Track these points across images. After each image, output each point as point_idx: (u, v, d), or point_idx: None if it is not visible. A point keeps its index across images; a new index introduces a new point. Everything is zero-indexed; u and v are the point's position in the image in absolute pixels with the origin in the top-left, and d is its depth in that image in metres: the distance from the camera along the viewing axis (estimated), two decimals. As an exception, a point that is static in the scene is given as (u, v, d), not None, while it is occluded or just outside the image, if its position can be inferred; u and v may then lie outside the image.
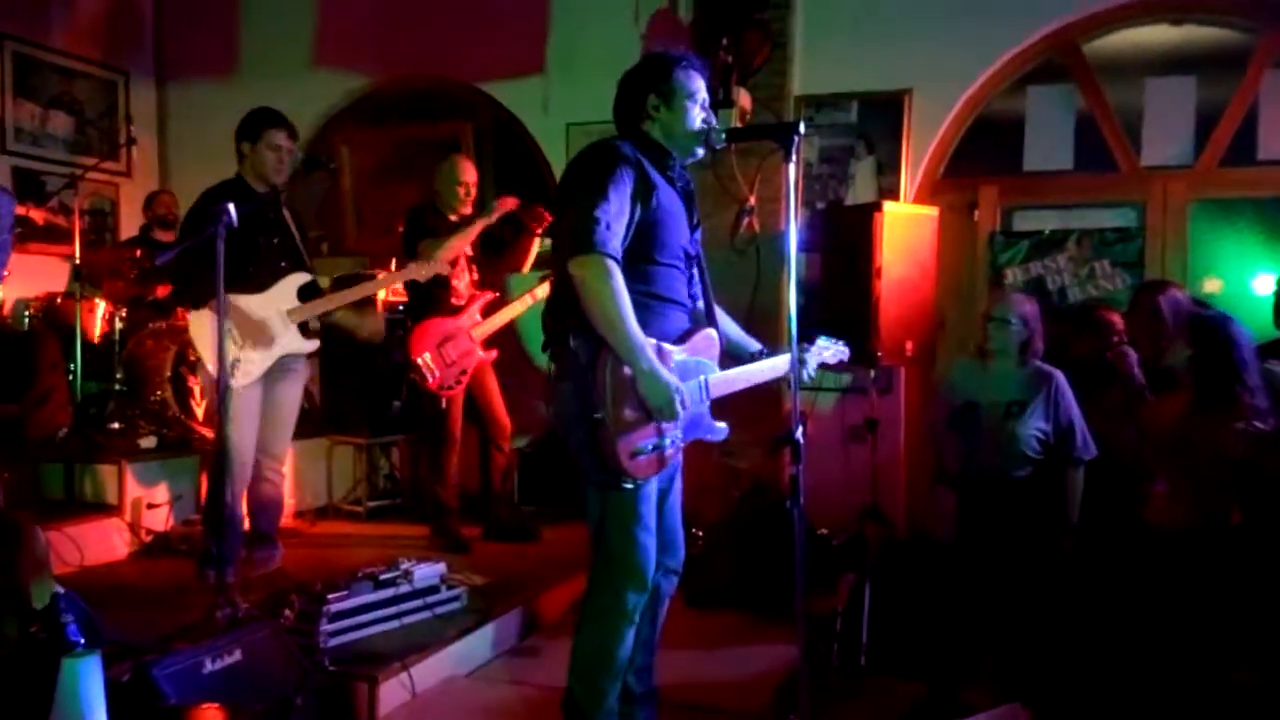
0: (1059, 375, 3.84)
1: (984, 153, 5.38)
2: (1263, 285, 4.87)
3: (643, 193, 2.52)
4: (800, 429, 2.51)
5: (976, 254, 5.33)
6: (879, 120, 5.30)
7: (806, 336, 3.01)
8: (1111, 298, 4.97)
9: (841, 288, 4.50)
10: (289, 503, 5.42)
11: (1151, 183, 5.13)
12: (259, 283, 3.82)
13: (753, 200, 5.21)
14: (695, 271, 2.72)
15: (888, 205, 4.39)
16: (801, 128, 2.52)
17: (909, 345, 4.38)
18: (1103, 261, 5.08)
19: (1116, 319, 4.41)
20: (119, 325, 5.34)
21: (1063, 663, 3.46)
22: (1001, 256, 5.23)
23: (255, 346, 3.80)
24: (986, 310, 4.00)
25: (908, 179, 5.30)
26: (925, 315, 4.48)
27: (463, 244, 4.63)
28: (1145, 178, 5.15)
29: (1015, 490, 3.78)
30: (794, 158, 2.51)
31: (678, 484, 2.85)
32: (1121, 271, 5.05)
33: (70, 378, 5.10)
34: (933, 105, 5.24)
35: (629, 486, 2.51)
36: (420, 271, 4.31)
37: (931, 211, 4.62)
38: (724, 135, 2.69)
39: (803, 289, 2.58)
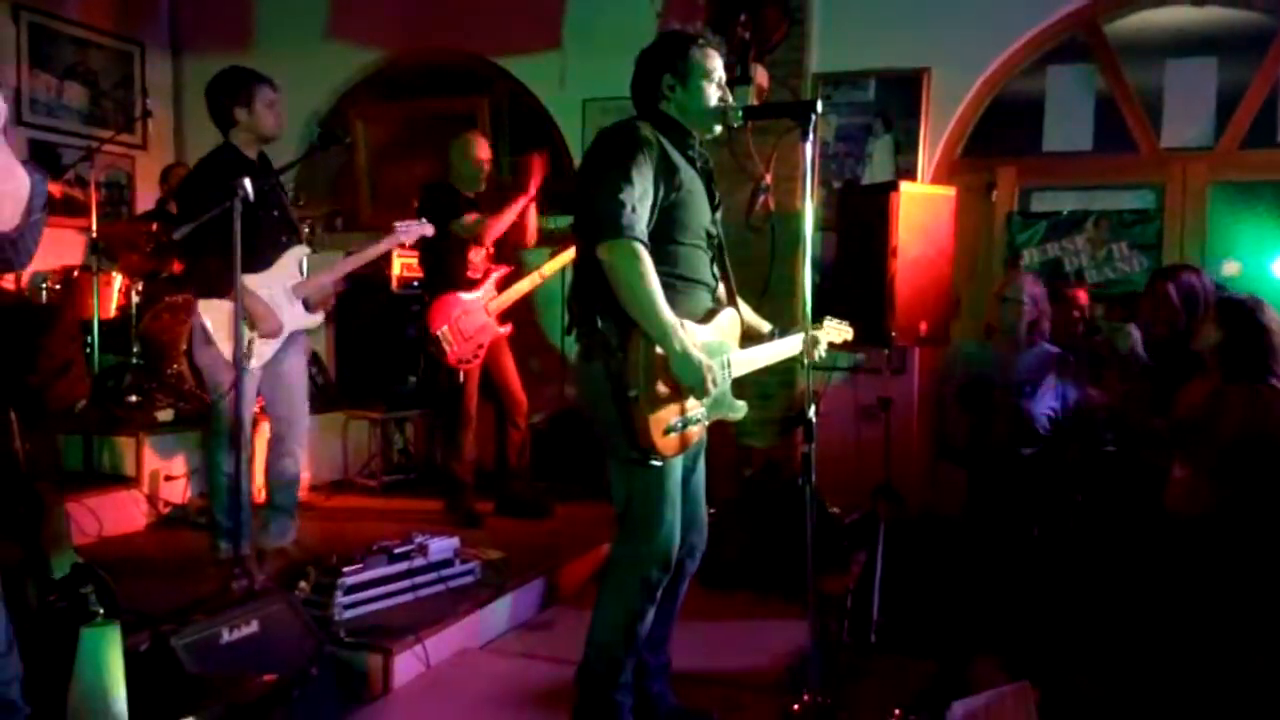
0: (1068, 355, 3.85)
1: (1003, 133, 5.34)
2: (1281, 268, 4.83)
3: (665, 175, 2.53)
4: (813, 408, 2.52)
5: (994, 235, 5.30)
6: (897, 99, 5.26)
7: (817, 317, 3.04)
8: (1129, 280, 4.95)
9: (857, 267, 4.47)
10: (304, 476, 5.46)
11: (1171, 164, 5.09)
12: (263, 259, 3.75)
13: (769, 178, 5.19)
14: (715, 251, 2.73)
15: (905, 185, 4.36)
16: (819, 106, 2.52)
17: (923, 325, 4.35)
18: (1121, 243, 5.05)
19: (1081, 295, 4.43)
20: (135, 299, 5.37)
21: (1073, 642, 3.47)
22: (1019, 237, 5.21)
23: (279, 309, 3.79)
24: (999, 290, 4.00)
25: (925, 158, 5.27)
26: (941, 296, 4.45)
27: (508, 221, 4.65)
28: (1165, 159, 5.11)
29: (1024, 467, 3.79)
30: (811, 136, 2.52)
31: (701, 463, 2.88)
32: (1139, 254, 5.02)
33: (88, 351, 5.14)
34: (951, 84, 5.21)
35: (657, 464, 2.53)
36: (409, 235, 4.29)
37: (949, 191, 4.59)
38: (741, 113, 2.69)
39: (818, 268, 2.59)
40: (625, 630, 2.67)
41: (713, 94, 2.66)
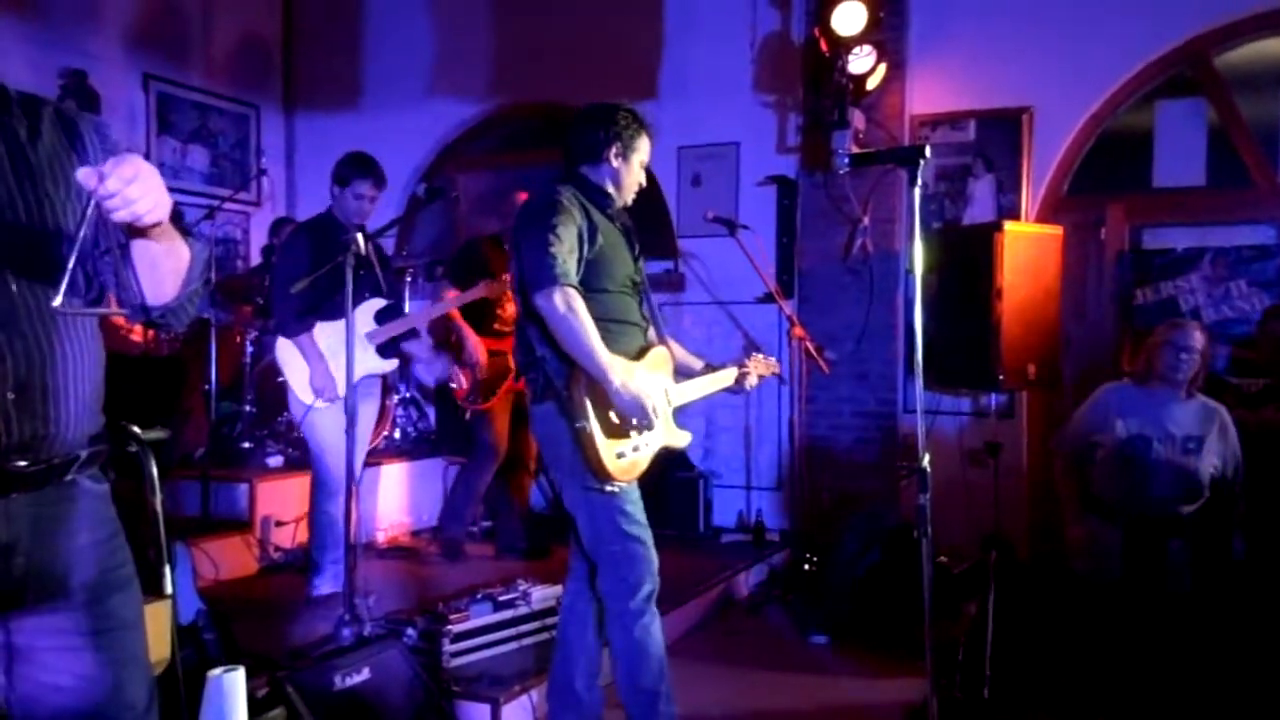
0: (1224, 408, 3.69)
1: (1110, 169, 5.21)
2: None
3: (588, 235, 2.75)
4: (927, 457, 2.47)
5: (1103, 274, 5.15)
6: (998, 138, 5.18)
7: (747, 353, 3.31)
8: (1249, 319, 4.75)
9: (958, 309, 4.39)
10: (405, 521, 5.56)
11: (1290, 199, 4.89)
12: (339, 310, 3.80)
13: (866, 220, 5.15)
14: (641, 295, 2.95)
15: (1009, 225, 4.28)
16: (927, 152, 2.51)
17: (1031, 368, 4.25)
18: (1239, 281, 4.86)
19: None
20: (249, 348, 5.56)
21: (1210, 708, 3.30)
22: (1130, 276, 5.05)
23: (339, 369, 3.90)
24: (1168, 338, 3.77)
25: (1029, 197, 5.16)
26: (1049, 337, 4.35)
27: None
28: (1283, 193, 4.92)
29: (1185, 526, 3.61)
30: (918, 182, 2.50)
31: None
32: (1259, 291, 4.82)
33: (207, 400, 5.33)
34: (1055, 122, 5.10)
35: (614, 489, 2.70)
36: (473, 293, 4.33)
37: (1055, 230, 4.50)
38: (848, 160, 2.70)
39: (910, 308, 2.55)
40: (643, 655, 2.76)
41: (641, 177, 2.95)
